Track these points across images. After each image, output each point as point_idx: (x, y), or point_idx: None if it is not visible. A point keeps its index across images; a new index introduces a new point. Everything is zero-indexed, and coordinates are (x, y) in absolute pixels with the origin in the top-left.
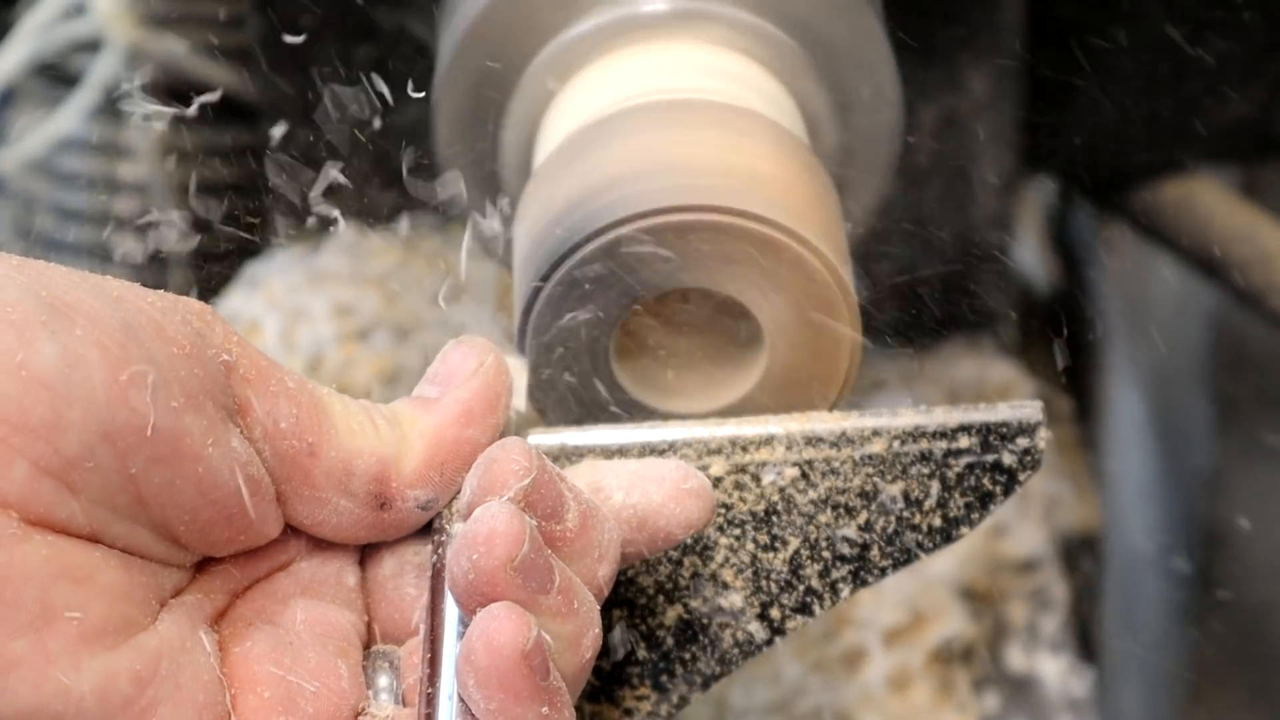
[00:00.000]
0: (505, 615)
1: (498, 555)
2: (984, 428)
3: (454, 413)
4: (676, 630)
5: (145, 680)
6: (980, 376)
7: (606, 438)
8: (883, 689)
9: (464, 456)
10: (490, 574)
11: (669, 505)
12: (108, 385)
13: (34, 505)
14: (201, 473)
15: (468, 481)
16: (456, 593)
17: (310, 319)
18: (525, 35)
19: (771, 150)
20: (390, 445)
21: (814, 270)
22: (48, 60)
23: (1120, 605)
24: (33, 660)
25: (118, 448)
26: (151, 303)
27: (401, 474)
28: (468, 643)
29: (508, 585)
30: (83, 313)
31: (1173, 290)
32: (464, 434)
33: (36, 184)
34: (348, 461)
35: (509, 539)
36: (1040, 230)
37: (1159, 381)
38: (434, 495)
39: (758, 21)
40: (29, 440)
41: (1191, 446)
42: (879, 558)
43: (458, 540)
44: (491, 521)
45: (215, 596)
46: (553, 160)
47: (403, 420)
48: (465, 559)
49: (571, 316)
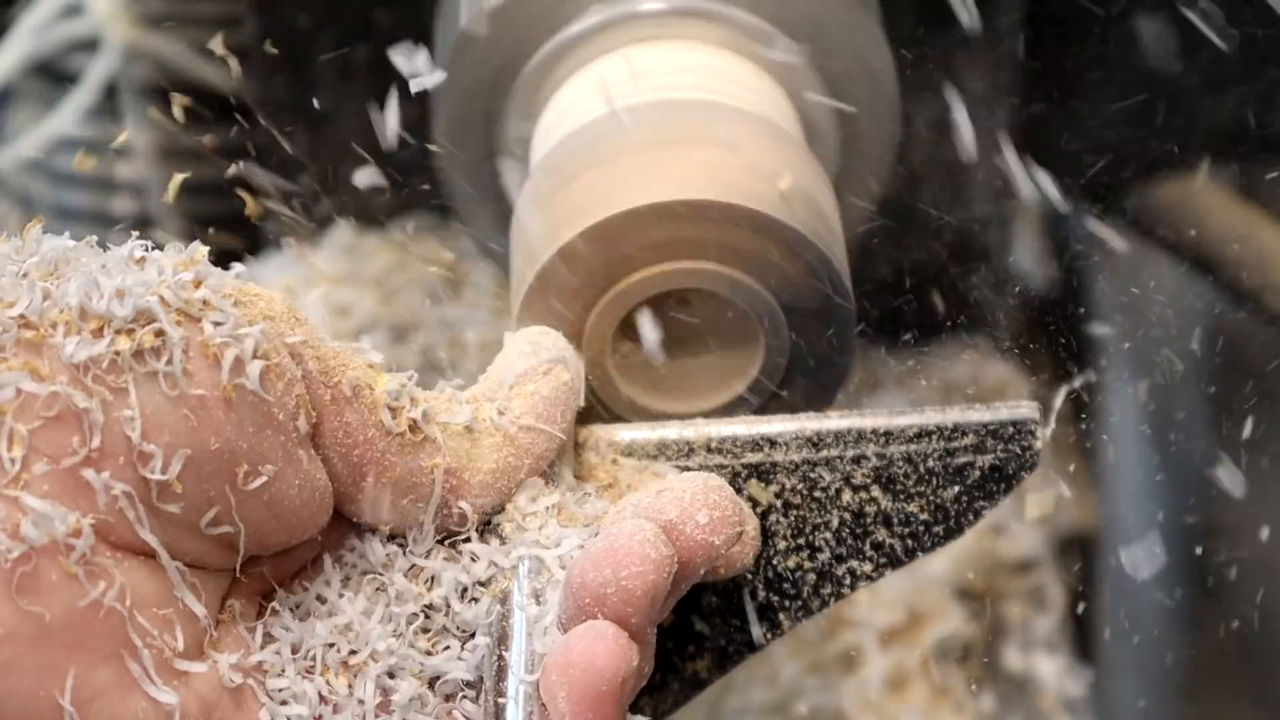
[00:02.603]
0: (613, 639)
1: (647, 581)
2: (981, 428)
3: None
4: (674, 632)
5: (212, 704)
6: (977, 376)
7: (608, 436)
8: (880, 689)
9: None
10: (630, 594)
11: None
12: (197, 411)
13: (118, 529)
14: (274, 493)
15: (665, 500)
16: (582, 594)
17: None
18: (524, 34)
19: (769, 149)
20: (460, 456)
21: (812, 270)
22: (45, 60)
23: (1117, 605)
24: (116, 689)
25: (202, 472)
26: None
27: (469, 484)
28: (566, 655)
29: (638, 610)
30: None
31: (1170, 290)
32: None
33: (34, 183)
34: (415, 473)
35: (661, 568)
36: (1037, 230)
37: (1156, 381)
38: (498, 502)
39: (756, 21)
40: (116, 465)
41: (1188, 446)
42: (876, 558)
43: (601, 546)
44: (649, 547)
45: (255, 601)
46: (550, 160)
47: (478, 420)
48: (608, 568)
49: (569, 316)
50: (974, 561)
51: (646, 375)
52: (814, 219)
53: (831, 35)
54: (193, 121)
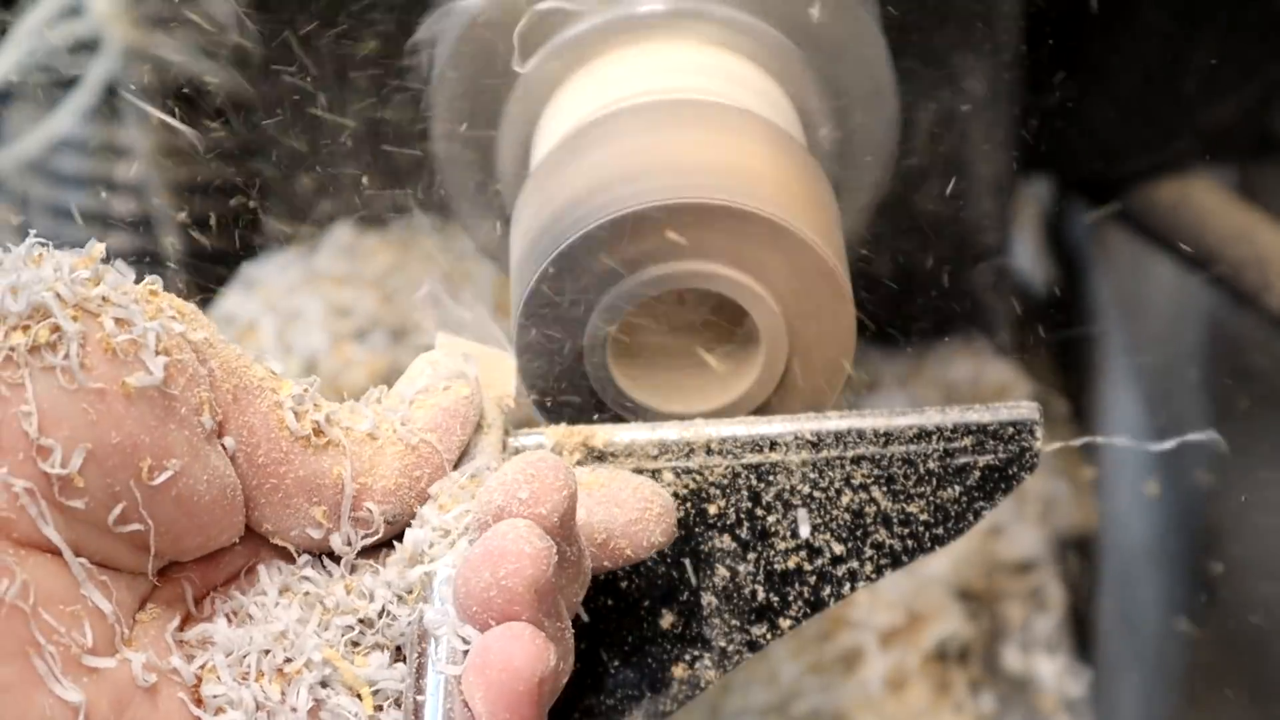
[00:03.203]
0: (529, 639)
1: (525, 575)
2: (981, 428)
3: (429, 425)
4: (673, 633)
5: (124, 702)
6: (977, 377)
7: (607, 436)
8: (880, 689)
9: (436, 470)
10: (513, 592)
11: (633, 526)
12: (96, 404)
13: (21, 526)
14: (181, 489)
15: (492, 490)
16: (468, 602)
17: (306, 320)
18: (522, 35)
19: (768, 149)
20: (363, 460)
21: (811, 269)
22: (45, 60)
23: (1116, 605)
24: (21, 685)
25: (104, 467)
26: None
27: (372, 489)
28: (484, 656)
29: (525, 606)
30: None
31: (1169, 290)
32: (438, 447)
33: (33, 184)
34: (319, 475)
35: (539, 560)
36: (1037, 230)
37: (1155, 381)
38: (402, 510)
39: (754, 21)
40: (15, 461)
41: (1188, 446)
42: (876, 558)
43: (478, 552)
44: (521, 542)
45: (178, 606)
46: (550, 160)
47: (380, 428)
48: (487, 572)
49: (569, 316)
50: (974, 562)
51: (646, 375)
52: (813, 219)
53: (830, 35)
54: (192, 122)
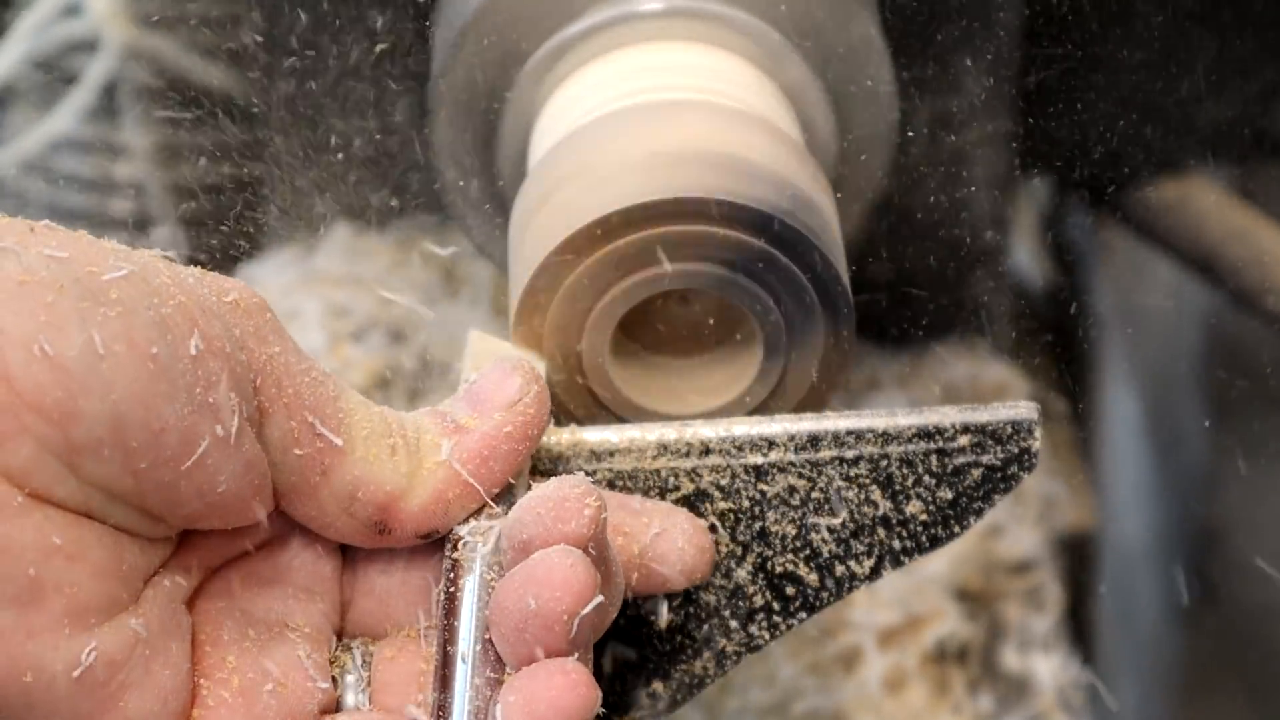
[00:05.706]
0: (580, 678)
1: (565, 606)
2: (979, 428)
3: (476, 450)
4: (674, 632)
5: (119, 664)
6: (975, 377)
7: (606, 436)
8: (878, 690)
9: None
10: (552, 621)
11: (672, 555)
12: (128, 383)
13: (35, 481)
14: (205, 475)
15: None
16: (504, 627)
17: (304, 320)
18: (521, 34)
19: (768, 150)
20: (401, 478)
21: (811, 270)
22: (44, 60)
23: (1115, 606)
24: (15, 633)
25: (127, 445)
26: (194, 298)
27: (408, 508)
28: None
29: (563, 635)
30: (119, 303)
31: (1168, 291)
32: (480, 472)
33: (32, 184)
34: (355, 487)
35: (581, 593)
36: (1036, 230)
37: (1154, 382)
38: (436, 528)
39: (754, 21)
40: (40, 421)
41: (1187, 446)
42: (875, 558)
43: (518, 576)
44: (568, 570)
45: (193, 573)
46: (549, 160)
47: (423, 446)
48: (528, 597)
49: (568, 316)
50: (973, 562)
51: (646, 375)
52: (813, 219)
53: (829, 35)
54: (191, 121)
